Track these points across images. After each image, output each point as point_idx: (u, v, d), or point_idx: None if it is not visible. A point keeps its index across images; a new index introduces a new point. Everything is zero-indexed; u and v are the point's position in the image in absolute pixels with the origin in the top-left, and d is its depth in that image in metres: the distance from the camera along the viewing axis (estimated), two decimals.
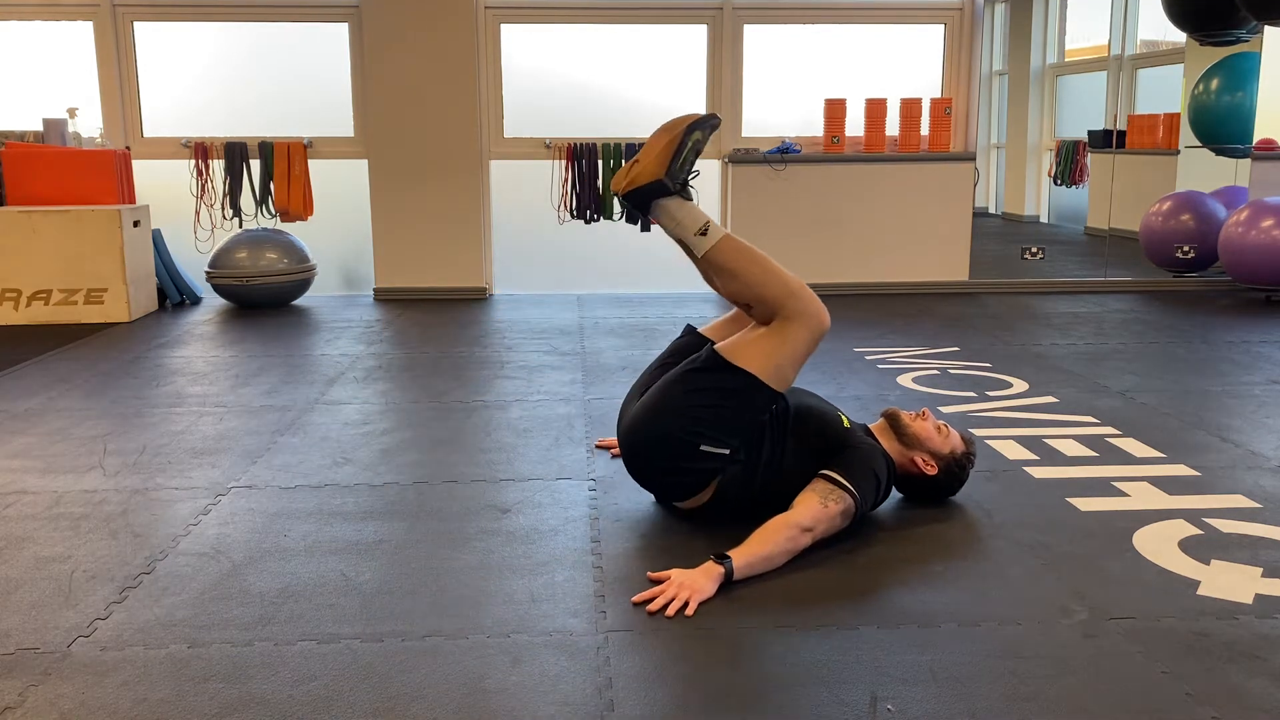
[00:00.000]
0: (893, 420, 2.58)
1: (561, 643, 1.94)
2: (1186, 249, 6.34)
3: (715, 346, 2.43)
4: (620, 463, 2.76)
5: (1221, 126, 6.60)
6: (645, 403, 2.47)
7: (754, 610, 2.07)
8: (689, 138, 2.39)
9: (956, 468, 2.59)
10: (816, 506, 2.29)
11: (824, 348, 4.59)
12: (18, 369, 4.23)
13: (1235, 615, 2.04)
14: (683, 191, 2.43)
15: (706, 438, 2.37)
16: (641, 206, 2.43)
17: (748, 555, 2.18)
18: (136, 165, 5.82)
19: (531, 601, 2.11)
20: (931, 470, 2.55)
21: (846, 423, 2.51)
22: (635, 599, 2.10)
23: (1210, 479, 2.85)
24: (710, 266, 2.46)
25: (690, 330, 2.70)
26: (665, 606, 2.06)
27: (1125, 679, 1.81)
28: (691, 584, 2.10)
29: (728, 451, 2.39)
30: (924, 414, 2.60)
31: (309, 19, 6.09)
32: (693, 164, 2.44)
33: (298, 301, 5.95)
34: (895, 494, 2.66)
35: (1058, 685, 1.78)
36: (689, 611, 2.04)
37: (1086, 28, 7.85)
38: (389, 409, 3.63)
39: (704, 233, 2.41)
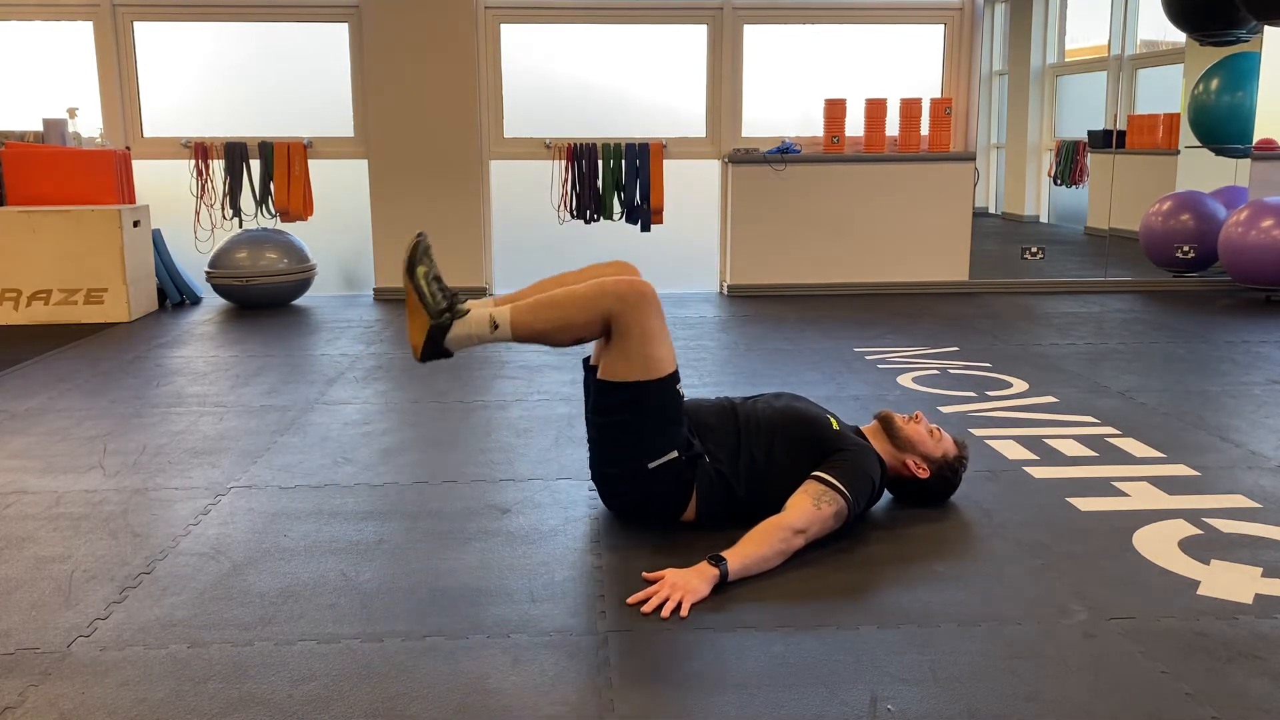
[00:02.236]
0: (886, 422, 2.58)
1: (561, 643, 1.94)
2: (1186, 249, 6.34)
3: (597, 375, 2.42)
4: None
5: (1221, 126, 6.59)
6: (590, 453, 2.51)
7: (753, 610, 2.07)
8: (416, 278, 2.37)
9: (949, 471, 2.59)
10: (809, 508, 2.30)
11: (824, 347, 4.59)
12: (18, 369, 4.23)
13: (1235, 615, 2.04)
14: (453, 314, 2.37)
15: (645, 455, 2.38)
16: (440, 352, 2.41)
17: (742, 557, 2.19)
18: (136, 165, 5.82)
19: (531, 601, 2.11)
20: (923, 473, 2.55)
21: (836, 424, 2.51)
22: (630, 599, 2.10)
23: (1210, 479, 2.85)
24: (528, 342, 2.42)
25: (585, 363, 2.67)
26: (659, 607, 2.06)
27: (1125, 679, 1.81)
28: (685, 584, 2.10)
29: (675, 453, 2.38)
30: (917, 417, 2.60)
31: (309, 19, 6.09)
32: (441, 287, 2.38)
33: (298, 301, 5.95)
34: (890, 495, 2.66)
35: (1058, 685, 1.79)
36: (683, 613, 2.04)
37: (1086, 28, 7.85)
38: (389, 409, 3.63)
39: (496, 327, 2.37)
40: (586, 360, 2.59)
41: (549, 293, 2.42)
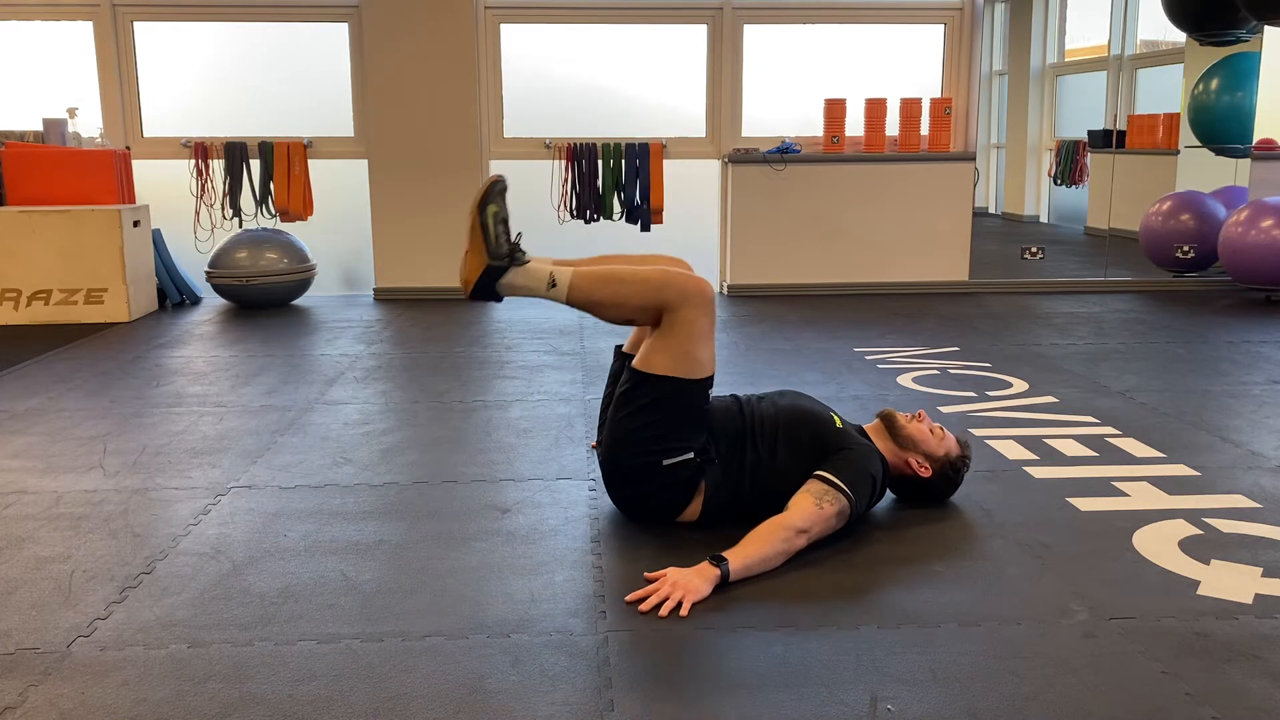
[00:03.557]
0: (888, 421, 2.58)
1: (561, 643, 1.94)
2: (1186, 249, 6.34)
3: (631, 364, 2.43)
4: None
5: (1221, 126, 6.59)
6: (603, 441, 2.51)
7: (753, 610, 2.07)
8: (485, 216, 2.39)
9: (951, 471, 2.59)
10: (811, 508, 2.29)
11: (824, 347, 4.59)
12: (18, 369, 4.23)
13: (1235, 615, 2.04)
14: (514, 260, 2.40)
15: (663, 452, 2.38)
16: (490, 294, 2.43)
17: (744, 557, 2.18)
18: (136, 165, 5.82)
19: (531, 601, 2.11)
20: (925, 473, 2.55)
21: (839, 423, 2.51)
22: (629, 598, 2.10)
23: (1210, 479, 2.85)
24: (579, 308, 2.44)
25: (617, 350, 2.71)
26: (659, 606, 2.06)
27: (1125, 679, 1.81)
28: (686, 584, 2.10)
29: (691, 455, 2.39)
30: (920, 416, 2.60)
31: (309, 19, 6.09)
32: (506, 231, 2.41)
33: (298, 301, 5.95)
34: (892, 494, 2.66)
35: (1058, 685, 1.78)
36: (683, 612, 2.04)
37: (1086, 28, 7.85)
38: (389, 409, 3.63)
39: (553, 285, 2.39)
40: (619, 348, 2.64)
41: (614, 266, 2.44)
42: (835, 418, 2.53)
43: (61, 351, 4.57)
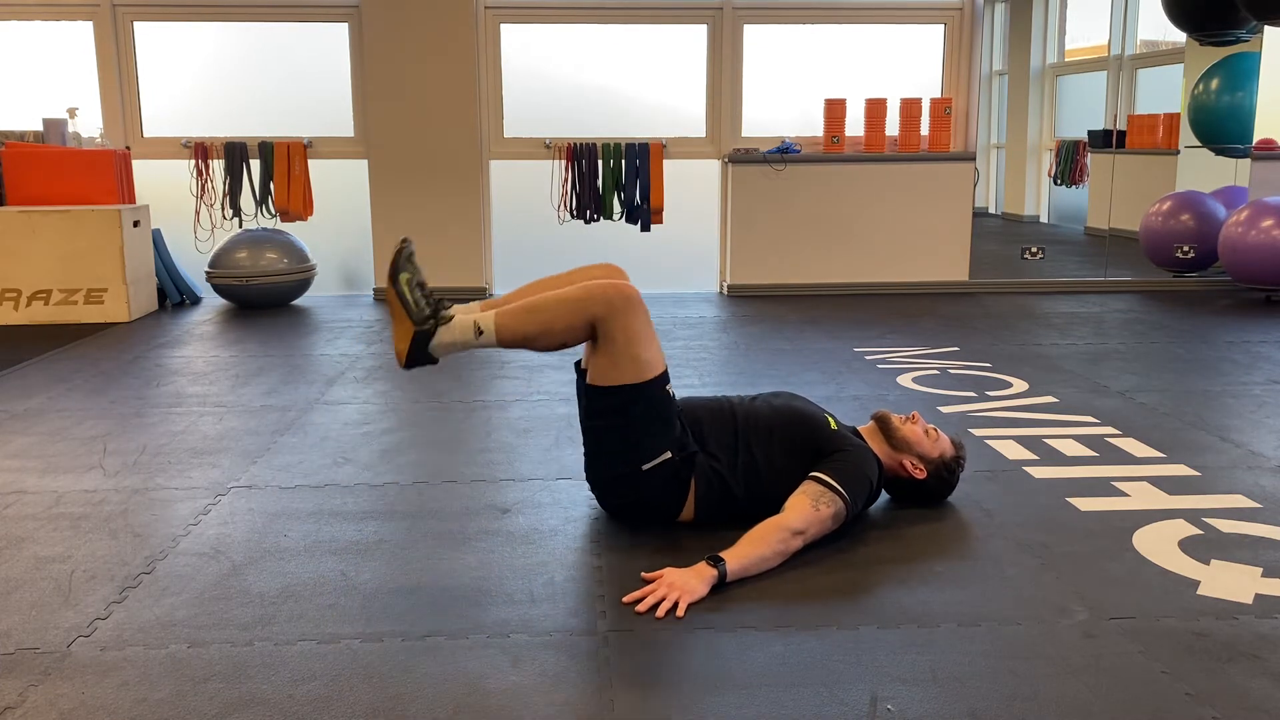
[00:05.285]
0: (882, 423, 2.58)
1: (561, 643, 1.94)
2: (1186, 249, 6.34)
3: (587, 380, 2.42)
4: None
5: (1221, 126, 6.59)
6: (585, 455, 2.52)
7: (753, 610, 2.07)
8: (399, 285, 2.35)
9: (946, 472, 2.59)
10: (808, 509, 2.30)
11: (824, 347, 4.59)
12: (18, 369, 4.23)
13: (1235, 615, 2.04)
14: (438, 320, 2.36)
15: (639, 458, 2.38)
16: (425, 359, 2.39)
17: (741, 558, 2.19)
18: (136, 165, 5.82)
19: (531, 601, 2.11)
20: (920, 474, 2.54)
21: (834, 424, 2.51)
22: (626, 599, 2.10)
23: (1210, 479, 2.85)
24: (511, 347, 2.40)
25: (577, 366, 2.65)
26: (655, 607, 2.06)
27: (1125, 679, 1.81)
28: (683, 584, 2.10)
29: (668, 454, 2.38)
30: (914, 417, 2.60)
31: (309, 19, 6.09)
32: (424, 294, 2.37)
33: (298, 301, 5.95)
34: (888, 496, 2.66)
35: (1058, 685, 1.79)
36: (679, 613, 2.04)
37: (1086, 28, 7.85)
38: (389, 409, 3.63)
39: (480, 333, 2.36)
40: (578, 364, 2.57)
41: (534, 298, 2.41)
42: (830, 419, 2.53)
43: (61, 351, 4.57)
